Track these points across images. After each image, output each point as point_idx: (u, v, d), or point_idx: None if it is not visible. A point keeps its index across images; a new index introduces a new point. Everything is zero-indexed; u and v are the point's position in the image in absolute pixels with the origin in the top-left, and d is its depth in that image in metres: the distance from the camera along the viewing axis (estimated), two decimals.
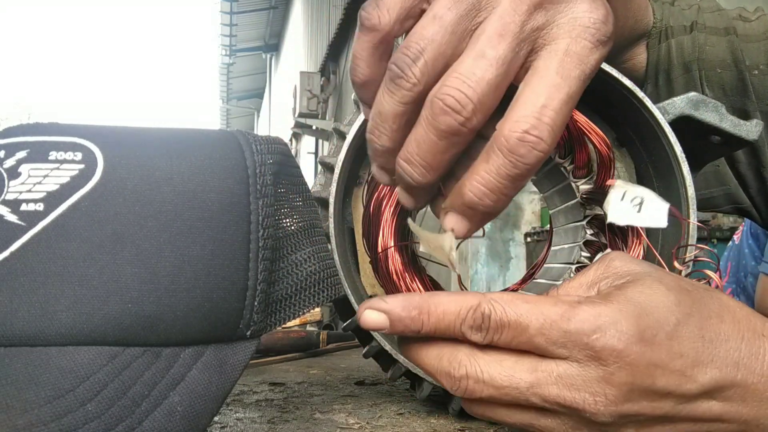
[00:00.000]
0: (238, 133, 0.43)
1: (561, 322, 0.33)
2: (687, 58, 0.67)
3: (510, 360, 0.34)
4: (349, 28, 7.24)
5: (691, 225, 0.56)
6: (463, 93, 0.31)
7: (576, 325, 0.33)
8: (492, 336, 0.34)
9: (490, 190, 0.33)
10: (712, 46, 0.66)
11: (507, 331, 0.33)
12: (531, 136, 0.31)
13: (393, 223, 0.59)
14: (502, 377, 0.34)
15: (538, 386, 0.33)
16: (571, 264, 0.63)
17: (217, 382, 0.38)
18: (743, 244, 1.86)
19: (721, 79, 0.66)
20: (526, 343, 0.33)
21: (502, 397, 0.34)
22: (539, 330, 0.33)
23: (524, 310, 0.33)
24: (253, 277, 0.40)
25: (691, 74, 0.66)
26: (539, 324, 0.33)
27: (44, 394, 0.33)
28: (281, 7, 12.79)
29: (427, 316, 0.34)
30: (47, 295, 0.35)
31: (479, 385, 0.34)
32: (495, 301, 0.34)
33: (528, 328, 0.33)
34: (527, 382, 0.33)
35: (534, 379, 0.33)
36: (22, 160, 0.38)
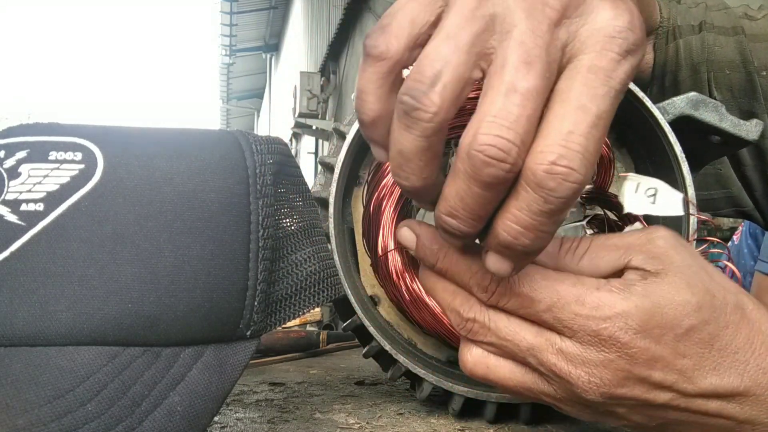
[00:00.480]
0: (238, 133, 0.43)
1: (574, 305, 0.34)
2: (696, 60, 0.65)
3: (518, 320, 0.35)
4: (349, 28, 7.24)
5: (692, 226, 0.56)
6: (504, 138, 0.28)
7: (587, 310, 0.33)
8: (497, 299, 0.35)
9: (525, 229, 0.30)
10: (721, 46, 0.65)
11: (516, 299, 0.34)
12: (560, 167, 0.28)
13: (393, 224, 0.59)
14: (507, 330, 0.35)
15: (538, 350, 0.35)
16: None
17: (217, 382, 0.38)
18: (742, 244, 1.86)
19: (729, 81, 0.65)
20: (534, 315, 0.34)
21: (502, 348, 0.35)
22: (549, 307, 0.34)
23: (540, 285, 0.34)
24: (253, 277, 0.40)
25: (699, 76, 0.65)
26: (551, 302, 0.34)
27: (44, 394, 0.33)
28: (281, 7, 12.79)
29: (443, 255, 0.35)
30: (47, 295, 0.35)
31: (483, 330, 0.35)
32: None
33: (539, 303, 0.34)
34: (529, 342, 0.35)
35: (536, 343, 0.35)
36: (22, 160, 0.38)
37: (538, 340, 0.35)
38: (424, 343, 0.62)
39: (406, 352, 0.58)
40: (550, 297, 0.34)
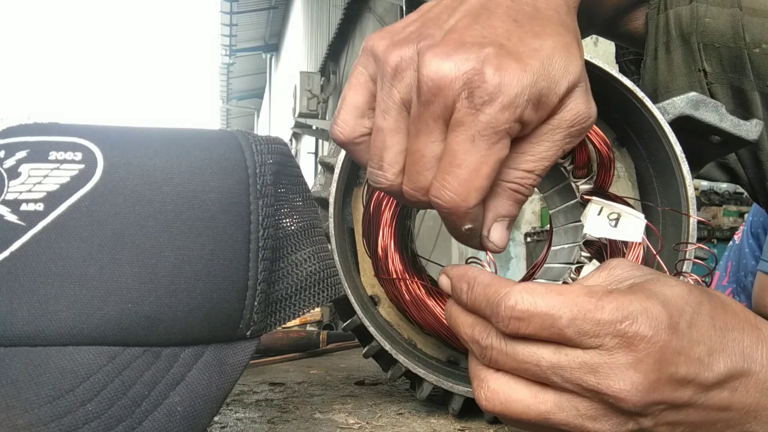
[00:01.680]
0: (238, 133, 0.43)
1: (595, 312, 0.34)
2: (685, 30, 0.65)
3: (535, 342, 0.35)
4: (349, 28, 7.24)
5: (691, 227, 0.56)
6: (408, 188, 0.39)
7: (609, 314, 0.34)
8: (517, 326, 0.35)
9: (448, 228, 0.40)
10: (713, 18, 0.64)
11: (536, 321, 0.35)
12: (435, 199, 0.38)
13: (393, 223, 0.59)
14: (526, 352, 0.35)
15: (561, 367, 0.34)
16: (571, 264, 0.63)
17: (217, 382, 0.38)
18: (743, 244, 1.86)
19: (719, 54, 0.64)
20: (556, 334, 0.34)
21: (523, 371, 0.35)
22: (572, 321, 0.34)
23: (557, 301, 0.34)
24: (253, 277, 0.40)
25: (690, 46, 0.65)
26: (572, 315, 0.34)
27: (44, 394, 0.33)
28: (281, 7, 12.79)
29: (468, 292, 0.38)
30: (47, 295, 0.35)
31: (502, 356, 0.36)
32: (525, 291, 0.35)
33: (560, 319, 0.34)
34: (549, 361, 0.35)
35: (557, 360, 0.34)
36: (22, 160, 0.38)
37: (558, 357, 0.34)
38: (424, 343, 0.62)
39: (406, 352, 0.58)
40: (570, 310, 0.34)
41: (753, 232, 1.84)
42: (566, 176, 0.61)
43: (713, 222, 3.89)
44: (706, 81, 0.65)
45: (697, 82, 0.65)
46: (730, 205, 4.10)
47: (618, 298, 0.34)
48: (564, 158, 0.60)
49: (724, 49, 0.64)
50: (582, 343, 0.34)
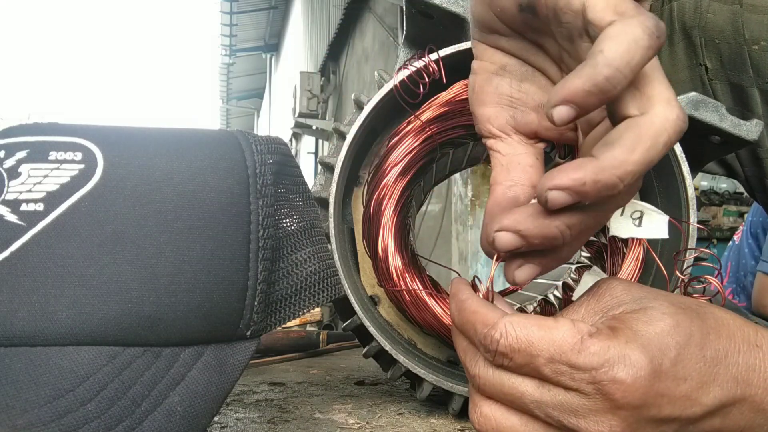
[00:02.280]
0: (238, 133, 0.43)
1: (570, 354, 0.33)
2: (688, 24, 0.64)
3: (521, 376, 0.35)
4: (349, 28, 7.24)
5: (692, 227, 0.56)
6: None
7: (586, 359, 0.33)
8: (501, 359, 0.35)
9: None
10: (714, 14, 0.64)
11: (516, 356, 0.34)
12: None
13: (393, 223, 0.59)
14: (510, 384, 0.35)
15: (543, 404, 0.34)
16: (570, 264, 0.63)
17: (217, 382, 0.38)
18: (743, 244, 1.86)
19: (718, 50, 0.64)
20: (535, 371, 0.34)
21: (509, 402, 0.35)
22: (549, 360, 0.34)
23: (537, 337, 0.34)
24: (253, 277, 0.40)
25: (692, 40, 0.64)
26: (550, 354, 0.34)
27: (44, 394, 0.33)
28: (281, 7, 12.78)
29: (459, 314, 0.37)
30: (47, 295, 0.35)
31: (489, 386, 0.36)
32: (510, 324, 0.35)
33: (539, 357, 0.34)
34: (532, 396, 0.34)
35: (539, 396, 0.34)
36: (22, 160, 0.38)
37: (541, 393, 0.34)
38: (424, 343, 0.62)
39: (406, 352, 0.58)
40: (548, 349, 0.34)
41: (752, 232, 1.84)
42: None
43: (713, 222, 3.89)
44: (707, 77, 0.64)
45: (698, 76, 0.65)
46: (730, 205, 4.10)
47: (598, 342, 0.33)
48: (564, 158, 0.60)
49: (724, 46, 0.63)
50: (560, 383, 0.34)
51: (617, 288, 0.37)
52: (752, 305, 1.64)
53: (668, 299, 0.36)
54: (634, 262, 0.58)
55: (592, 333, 0.34)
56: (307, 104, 7.96)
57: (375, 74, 0.61)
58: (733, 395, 0.34)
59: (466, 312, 0.37)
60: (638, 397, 0.32)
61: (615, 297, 0.37)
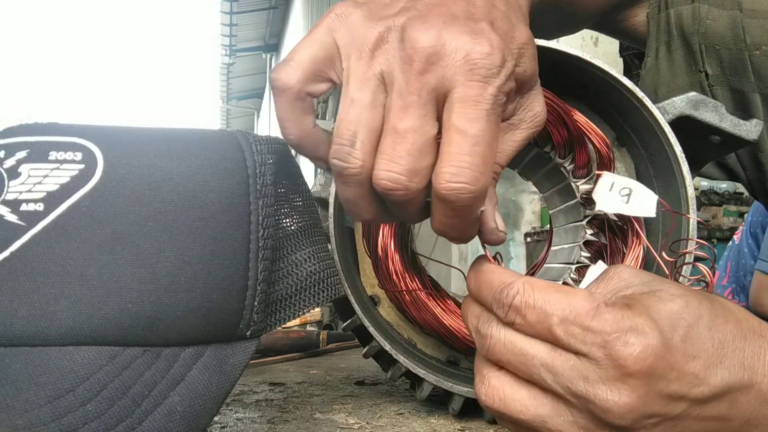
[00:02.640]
0: (238, 133, 0.43)
1: (585, 317, 0.34)
2: (687, 30, 0.64)
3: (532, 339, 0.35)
4: None
5: (692, 222, 0.56)
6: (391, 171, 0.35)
7: (599, 324, 0.33)
8: (514, 315, 0.35)
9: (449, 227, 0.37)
10: (713, 20, 0.63)
11: (530, 313, 0.35)
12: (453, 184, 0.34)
13: (393, 223, 0.59)
14: (522, 344, 0.35)
15: (552, 367, 0.34)
16: (571, 264, 0.63)
17: (217, 383, 0.38)
18: (743, 244, 1.86)
19: (719, 56, 0.64)
20: (547, 331, 0.34)
21: (519, 365, 0.35)
22: (563, 320, 0.34)
23: (553, 298, 0.35)
24: (253, 277, 0.40)
25: (691, 47, 0.64)
26: (563, 314, 0.34)
27: (44, 394, 0.33)
28: (281, 7, 12.78)
29: (474, 277, 0.38)
30: (47, 295, 0.35)
31: (499, 346, 0.36)
32: (528, 284, 0.35)
33: (552, 316, 0.34)
34: (542, 358, 0.35)
35: (549, 360, 0.34)
36: (22, 160, 0.38)
37: (552, 356, 0.34)
38: (424, 343, 0.62)
39: (406, 352, 0.58)
40: (562, 310, 0.34)
41: (752, 232, 1.84)
42: (566, 176, 0.61)
43: (713, 222, 3.89)
44: (708, 83, 0.64)
45: (698, 82, 0.65)
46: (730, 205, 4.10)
47: (612, 311, 0.34)
48: (564, 158, 0.60)
49: (725, 51, 0.63)
50: (571, 347, 0.34)
51: (625, 272, 0.38)
52: (749, 304, 1.64)
53: (676, 284, 0.37)
54: (634, 262, 0.58)
55: (609, 302, 0.35)
56: None
57: None
58: (740, 380, 0.34)
59: (483, 273, 0.38)
60: (648, 366, 0.33)
61: (624, 280, 0.37)
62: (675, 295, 0.35)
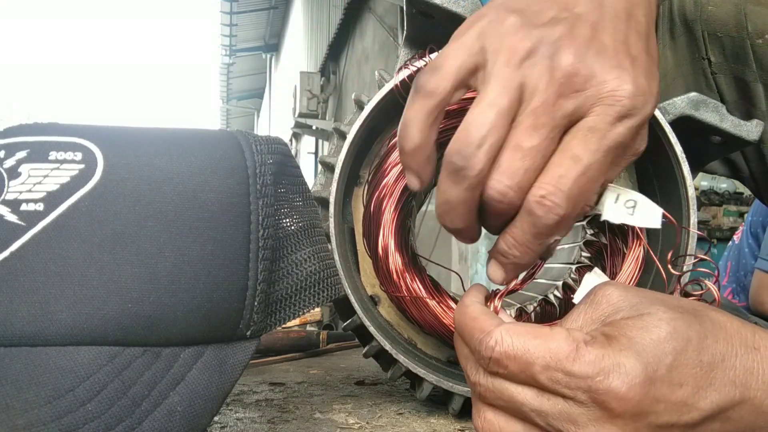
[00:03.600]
0: (238, 133, 0.43)
1: (566, 362, 0.33)
2: (689, 17, 0.64)
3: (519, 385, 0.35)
4: (349, 28, 7.25)
5: (691, 228, 0.56)
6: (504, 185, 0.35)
7: (581, 368, 0.33)
8: (496, 368, 0.35)
9: (517, 243, 0.37)
10: (716, 6, 0.63)
11: (512, 363, 0.34)
12: (548, 201, 0.35)
13: (393, 223, 0.59)
14: (509, 393, 0.35)
15: (542, 412, 0.34)
16: (571, 264, 0.63)
17: (217, 382, 0.38)
18: (743, 244, 1.86)
19: (721, 43, 0.63)
20: (531, 379, 0.34)
21: (509, 410, 0.35)
22: (545, 367, 0.34)
23: (532, 345, 0.34)
24: (253, 277, 0.40)
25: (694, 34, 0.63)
26: (544, 362, 0.34)
27: (44, 394, 0.33)
28: (281, 7, 12.78)
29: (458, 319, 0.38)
30: (47, 295, 0.35)
31: (489, 393, 0.36)
32: (506, 332, 0.35)
33: (533, 365, 0.34)
34: (531, 405, 0.34)
35: (538, 405, 0.34)
36: (22, 160, 0.38)
37: (540, 402, 0.34)
38: (424, 343, 0.62)
39: (406, 352, 0.58)
40: (543, 357, 0.34)
41: (752, 231, 1.84)
42: None
43: (713, 222, 3.89)
44: (711, 70, 0.64)
45: (700, 70, 0.64)
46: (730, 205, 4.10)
47: (593, 351, 0.33)
48: None
49: (727, 39, 0.62)
50: (557, 392, 0.34)
51: (614, 294, 0.37)
52: (750, 303, 1.64)
53: (665, 304, 0.36)
54: (634, 262, 0.58)
55: (588, 341, 0.34)
56: (307, 104, 7.96)
57: (375, 74, 0.61)
58: (731, 399, 0.34)
59: (466, 317, 0.38)
60: (634, 405, 0.32)
61: (612, 304, 0.37)
62: (662, 320, 0.34)
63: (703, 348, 0.34)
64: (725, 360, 0.34)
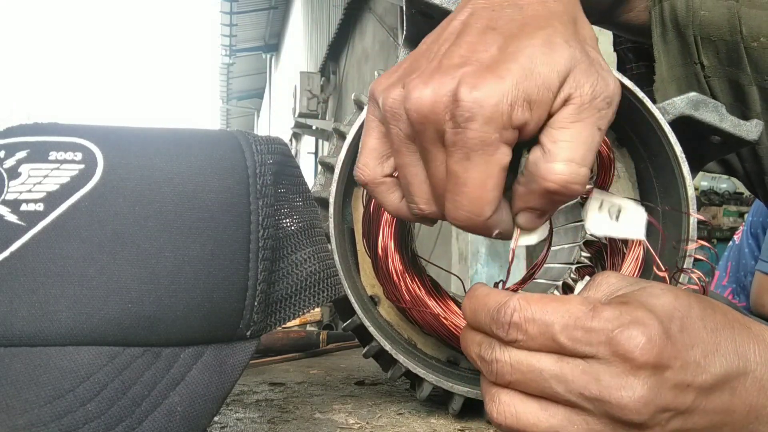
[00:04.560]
0: (238, 133, 0.43)
1: (585, 319, 0.34)
2: (681, 22, 0.63)
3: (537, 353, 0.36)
4: (349, 28, 7.25)
5: (691, 225, 0.56)
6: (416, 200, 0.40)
7: (601, 323, 0.34)
8: (515, 333, 0.35)
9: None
10: (708, 10, 0.62)
11: (530, 327, 0.35)
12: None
13: (393, 223, 0.59)
14: (529, 362, 0.35)
15: (563, 377, 0.34)
16: (571, 264, 0.63)
17: (217, 383, 0.38)
18: (743, 244, 1.86)
19: (715, 47, 0.63)
20: (551, 341, 0.35)
21: (527, 384, 0.35)
22: (564, 326, 0.34)
23: (551, 308, 0.35)
24: (253, 277, 0.40)
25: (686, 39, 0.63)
26: (564, 321, 0.34)
27: (44, 394, 0.33)
28: (281, 7, 12.78)
29: (469, 303, 0.38)
30: (47, 295, 0.35)
31: (507, 367, 0.36)
32: (523, 299, 0.36)
33: (553, 325, 0.35)
34: (551, 370, 0.35)
35: (559, 369, 0.35)
36: (22, 160, 0.38)
37: (560, 365, 0.35)
38: (424, 343, 0.62)
39: (406, 352, 0.58)
40: (562, 317, 0.35)
41: (752, 232, 1.84)
42: None
43: (713, 222, 3.89)
44: (704, 74, 0.64)
45: (693, 74, 0.64)
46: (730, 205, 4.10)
47: (610, 309, 0.35)
48: None
49: (721, 43, 0.62)
50: (577, 351, 0.34)
51: (612, 277, 0.39)
52: (750, 304, 1.64)
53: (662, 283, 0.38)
54: (634, 262, 0.58)
55: (603, 303, 0.36)
56: (307, 104, 7.96)
57: (375, 74, 0.61)
58: (736, 367, 0.35)
59: (478, 297, 0.38)
60: (655, 356, 0.33)
61: (612, 284, 0.38)
62: (664, 290, 0.36)
63: (705, 316, 0.36)
64: (725, 330, 0.36)
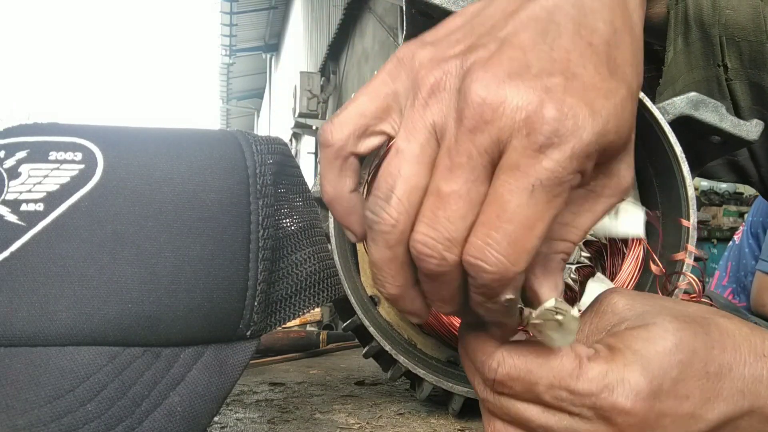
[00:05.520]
0: (238, 133, 0.43)
1: (570, 380, 0.33)
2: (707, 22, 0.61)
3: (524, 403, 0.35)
4: (349, 28, 7.25)
5: (691, 228, 0.56)
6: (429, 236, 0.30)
7: (585, 385, 0.33)
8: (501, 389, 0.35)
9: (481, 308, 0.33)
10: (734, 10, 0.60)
11: (516, 384, 0.34)
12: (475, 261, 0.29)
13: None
14: (516, 410, 0.35)
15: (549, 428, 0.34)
16: (571, 264, 0.63)
17: (217, 383, 0.38)
18: (743, 244, 1.86)
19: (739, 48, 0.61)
20: (536, 398, 0.34)
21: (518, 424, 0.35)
22: (549, 386, 0.33)
23: (535, 365, 0.34)
24: (253, 277, 0.40)
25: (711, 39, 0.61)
26: (549, 381, 0.33)
27: (44, 394, 0.33)
28: (281, 7, 12.79)
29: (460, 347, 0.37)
30: (47, 295, 0.35)
31: (497, 410, 0.36)
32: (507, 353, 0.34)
33: (537, 385, 0.34)
34: (538, 421, 0.34)
35: (544, 421, 0.34)
36: (22, 160, 0.38)
37: (547, 418, 0.34)
38: (424, 343, 0.62)
39: (406, 352, 0.58)
40: (546, 376, 0.33)
41: (753, 232, 1.84)
42: None
43: (713, 222, 3.89)
44: (726, 77, 0.63)
45: (714, 77, 0.62)
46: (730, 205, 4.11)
47: (596, 366, 0.33)
48: None
49: (744, 44, 0.61)
50: (563, 409, 0.34)
51: (619, 303, 0.36)
52: (751, 305, 1.64)
53: (671, 313, 0.35)
54: (634, 262, 0.58)
55: (591, 356, 0.34)
56: (307, 104, 7.97)
57: (375, 74, 0.61)
58: (740, 409, 0.34)
59: (466, 340, 0.37)
60: (639, 420, 0.32)
61: (617, 313, 0.36)
62: (668, 331, 0.34)
63: (710, 359, 0.34)
64: (733, 369, 0.34)
